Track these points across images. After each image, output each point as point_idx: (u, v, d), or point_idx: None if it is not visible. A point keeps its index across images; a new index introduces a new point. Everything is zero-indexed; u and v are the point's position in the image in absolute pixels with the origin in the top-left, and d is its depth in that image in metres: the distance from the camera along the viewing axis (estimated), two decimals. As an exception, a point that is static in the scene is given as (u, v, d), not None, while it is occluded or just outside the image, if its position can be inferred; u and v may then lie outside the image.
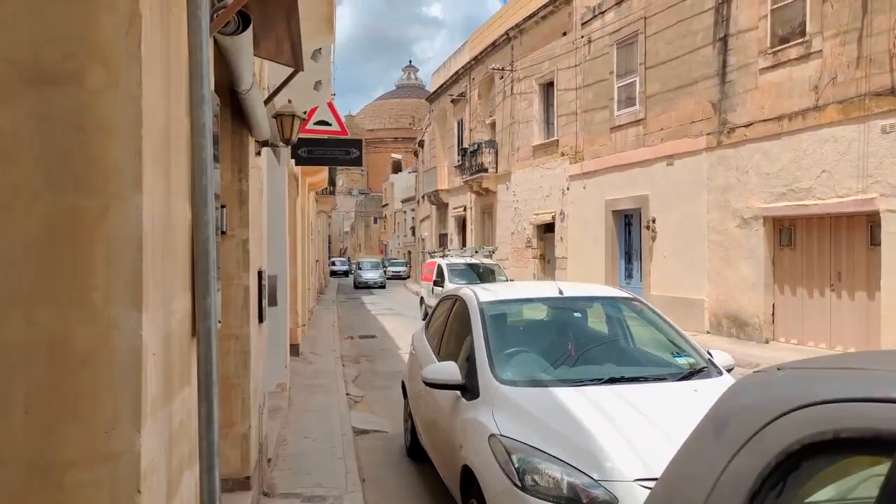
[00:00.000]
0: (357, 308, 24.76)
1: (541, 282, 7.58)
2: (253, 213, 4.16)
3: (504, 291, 4.98)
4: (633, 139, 16.10)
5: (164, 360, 1.83)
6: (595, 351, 4.43)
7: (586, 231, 18.03)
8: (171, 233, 1.92)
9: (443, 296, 6.02)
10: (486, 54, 24.46)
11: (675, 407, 3.53)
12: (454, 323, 5.13)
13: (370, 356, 12.50)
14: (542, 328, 4.59)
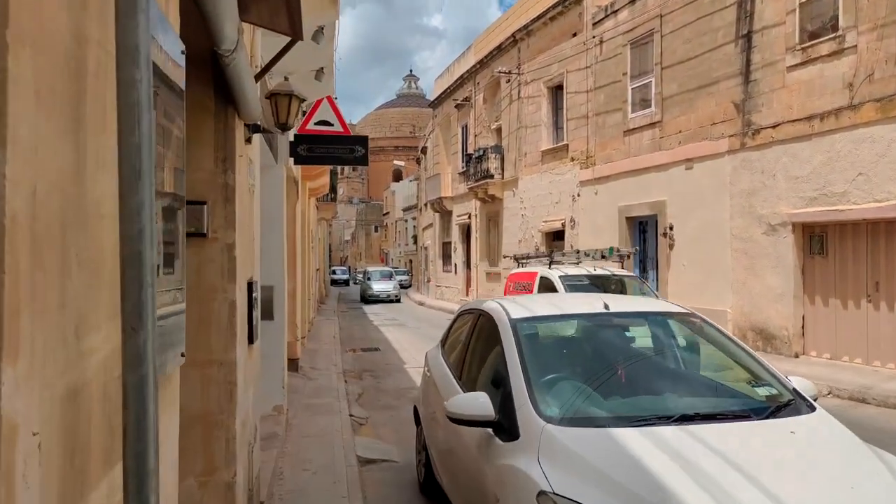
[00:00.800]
0: (359, 319, 24.01)
1: (579, 294, 6.74)
2: (241, 213, 3.43)
3: (538, 306, 4.24)
4: (648, 142, 15.39)
5: (61, 436, 1.10)
6: (654, 379, 3.68)
7: (598, 239, 17.28)
8: (83, 222, 1.20)
9: (461, 309, 5.27)
10: (492, 58, 23.81)
11: (773, 456, 2.79)
12: (478, 342, 4.39)
13: (374, 371, 11.74)
14: (587, 351, 3.84)
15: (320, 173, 13.35)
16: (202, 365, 3.16)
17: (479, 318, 4.47)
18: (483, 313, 4.39)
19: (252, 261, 3.83)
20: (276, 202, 6.93)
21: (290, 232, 10.65)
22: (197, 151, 3.19)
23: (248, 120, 3.42)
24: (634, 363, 3.77)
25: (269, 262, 6.86)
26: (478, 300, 5.20)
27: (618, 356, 3.80)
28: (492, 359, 4.05)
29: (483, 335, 4.35)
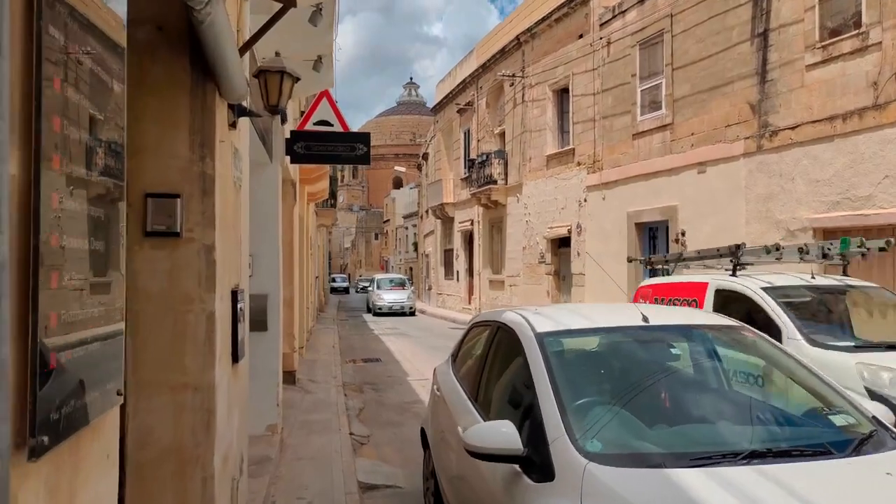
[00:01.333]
0: (359, 328, 23.45)
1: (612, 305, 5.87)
2: (223, 210, 2.92)
3: (566, 317, 3.70)
4: (658, 146, 14.89)
5: None
6: (705, 404, 3.15)
7: (606, 245, 16.77)
8: None
9: (475, 321, 4.74)
10: (495, 61, 23.36)
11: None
12: (497, 359, 3.87)
13: (375, 384, 11.19)
14: (625, 370, 3.30)
15: (319, 176, 12.84)
16: (174, 389, 2.64)
17: (497, 331, 3.94)
18: (502, 326, 3.86)
19: (238, 266, 3.30)
20: (271, 204, 6.41)
21: (286, 237, 10.13)
22: (168, 135, 2.68)
23: (232, 99, 2.90)
24: (682, 385, 3.24)
25: (262, 269, 6.35)
26: (494, 311, 4.66)
27: (662, 376, 3.26)
28: (514, 378, 3.53)
29: (503, 351, 3.82)
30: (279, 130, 6.43)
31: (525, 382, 3.25)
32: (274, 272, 6.39)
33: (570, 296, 18.69)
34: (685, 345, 3.43)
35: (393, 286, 29.75)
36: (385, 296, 28.49)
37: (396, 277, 31.82)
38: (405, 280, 31.85)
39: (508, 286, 22.50)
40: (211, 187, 2.70)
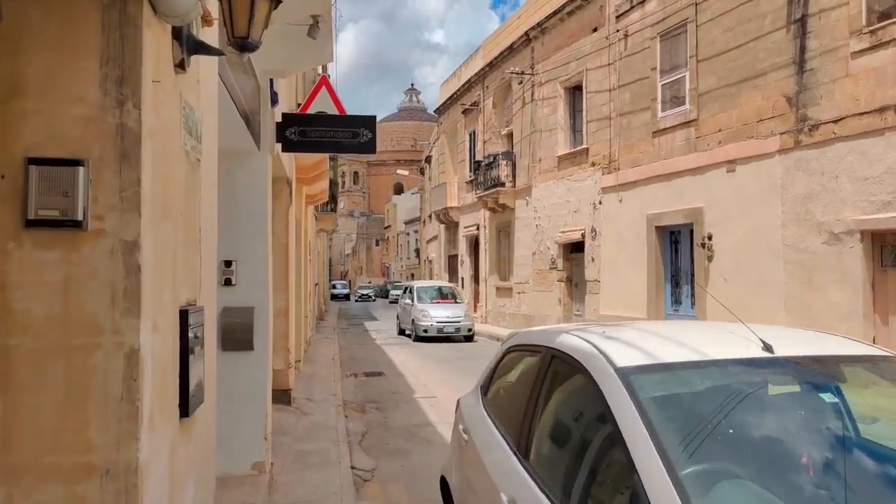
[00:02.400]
0: (360, 337, 22.41)
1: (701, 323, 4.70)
2: (161, 187, 1.91)
3: (653, 343, 2.67)
4: (681, 143, 13.89)
5: None
6: (883, 484, 2.12)
7: (623, 250, 15.77)
8: None
9: (512, 344, 3.70)
10: (503, 59, 22.41)
11: None
12: (552, 400, 2.86)
13: (379, 402, 10.16)
14: (760, 429, 2.27)
15: (318, 176, 11.84)
16: (71, 476, 1.64)
17: (550, 361, 2.92)
18: (559, 355, 2.84)
19: (193, 274, 2.28)
20: (258, 200, 5.41)
21: (280, 241, 9.14)
22: (66, 66, 1.68)
23: (174, 15, 1.88)
24: (842, 451, 2.21)
25: (248, 278, 5.34)
26: (539, 330, 3.61)
27: (810, 436, 2.24)
28: (585, 432, 2.52)
29: (563, 390, 2.81)
30: (269, 113, 5.44)
31: (606, 440, 2.24)
32: (262, 281, 5.38)
33: (583, 304, 17.67)
34: (834, 387, 2.40)
35: (439, 298, 20.91)
36: (433, 311, 19.57)
37: (444, 286, 22.21)
38: (452, 290, 22.06)
39: (517, 293, 21.47)
40: (135, 150, 1.70)
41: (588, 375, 2.49)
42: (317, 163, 10.73)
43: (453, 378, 12.55)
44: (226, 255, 5.30)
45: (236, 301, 5.29)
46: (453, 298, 21.30)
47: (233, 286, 5.29)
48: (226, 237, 5.27)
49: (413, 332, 20.19)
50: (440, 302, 20.72)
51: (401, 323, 22.61)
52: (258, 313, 5.34)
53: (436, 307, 20.15)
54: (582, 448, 2.44)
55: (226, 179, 5.34)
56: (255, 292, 5.36)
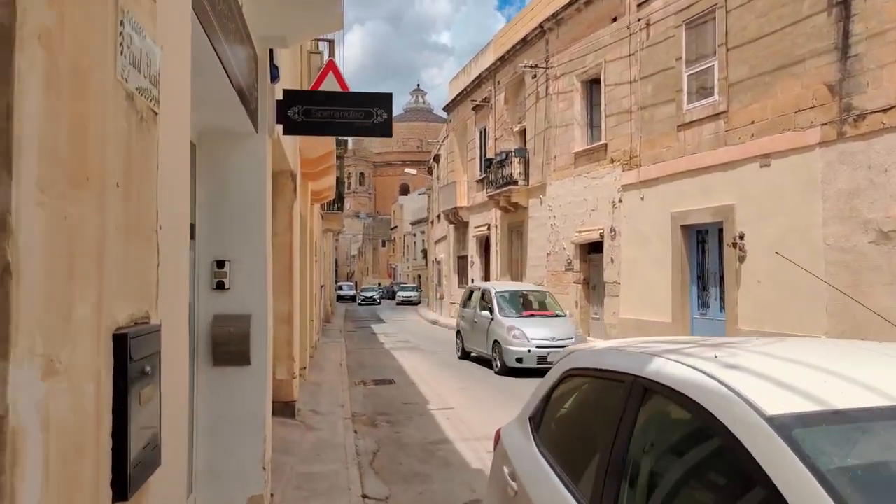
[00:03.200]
0: (367, 340, 21.67)
1: (849, 343, 3.75)
2: (68, 131, 1.14)
3: (798, 374, 1.88)
4: (710, 137, 13.09)
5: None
6: None
7: (645, 250, 14.96)
8: None
9: (576, 365, 2.90)
10: (515, 53, 21.64)
11: None
12: (646, 446, 2.08)
13: (391, 414, 9.39)
14: None
15: (325, 171, 11.09)
16: None
17: (643, 396, 2.14)
18: (659, 389, 2.06)
19: (139, 275, 1.51)
20: (256, 191, 4.64)
21: (283, 240, 8.40)
22: None
23: None
24: None
25: (243, 281, 4.58)
26: (615, 348, 2.78)
27: None
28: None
29: (668, 439, 2.04)
30: (268, 89, 4.68)
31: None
32: (260, 284, 4.62)
33: (601, 307, 16.87)
34: None
35: (532, 308, 14.84)
36: (530, 331, 13.30)
37: (533, 291, 15.78)
38: (546, 295, 15.59)
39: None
40: (2, 55, 0.95)
41: (719, 426, 1.72)
42: (323, 156, 9.98)
43: (469, 386, 11.78)
44: (217, 254, 4.55)
45: (230, 308, 4.54)
46: (551, 309, 14.89)
47: (226, 291, 4.54)
48: (217, 233, 4.52)
49: (497, 359, 13.49)
50: (533, 315, 14.34)
51: (465, 342, 15.70)
52: (256, 322, 4.58)
53: (531, 324, 13.64)
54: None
55: (217, 166, 4.60)
56: (252, 297, 4.60)
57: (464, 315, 16.18)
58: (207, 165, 4.54)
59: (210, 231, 4.54)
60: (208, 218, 4.54)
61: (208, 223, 4.54)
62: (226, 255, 4.56)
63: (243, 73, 4.20)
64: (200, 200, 4.53)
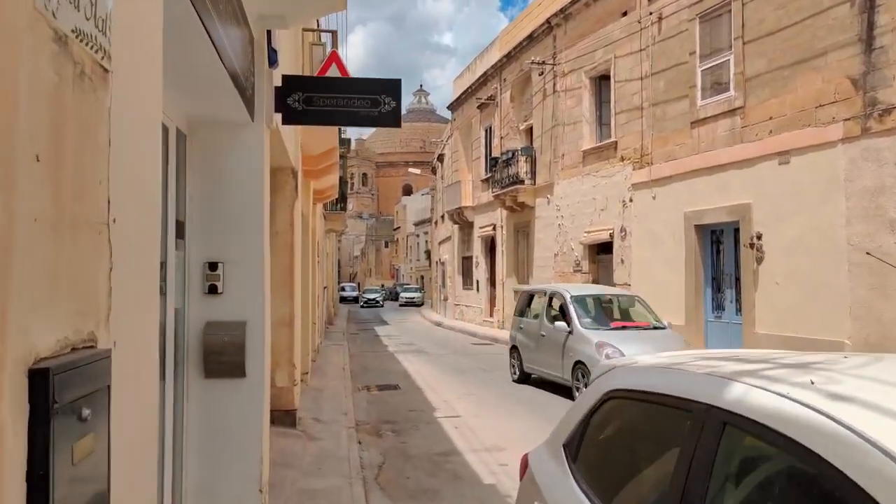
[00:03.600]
0: (371, 343, 21.27)
1: None
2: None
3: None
4: (725, 134, 12.66)
5: None
6: None
7: (657, 251, 14.53)
8: None
9: (622, 385, 2.48)
10: (522, 49, 21.22)
11: None
12: (734, 495, 1.67)
13: (396, 423, 8.98)
14: None
15: (327, 169, 10.69)
16: None
17: (722, 431, 1.73)
18: (747, 425, 1.65)
19: (76, 283, 1.11)
20: (253, 186, 4.24)
21: (284, 240, 8.01)
22: None
23: None
24: None
25: (238, 285, 4.18)
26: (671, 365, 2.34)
27: None
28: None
29: (767, 488, 1.63)
30: (265, 74, 4.28)
31: None
32: (257, 288, 4.22)
33: (611, 309, 16.40)
34: None
35: (620, 318, 12.11)
36: (627, 349, 9.59)
37: (620, 296, 12.90)
38: (637, 300, 12.45)
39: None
40: None
41: (836, 476, 1.31)
42: (326, 153, 9.59)
43: (476, 391, 11.36)
44: (210, 255, 4.15)
45: (224, 314, 4.14)
46: (643, 319, 11.78)
47: (219, 295, 4.14)
48: (210, 232, 4.12)
49: (583, 385, 9.99)
50: (625, 326, 11.34)
51: (524, 361, 12.59)
52: (252, 329, 4.18)
53: (626, 339, 10.35)
54: None
55: (210, 158, 4.20)
56: (248, 302, 4.20)
57: (522, 326, 13.04)
58: (199, 157, 4.14)
59: (202, 229, 4.14)
60: (200, 215, 4.14)
61: (200, 221, 4.14)
62: (219, 256, 4.16)
63: (238, 56, 3.80)
64: (192, 195, 4.13)
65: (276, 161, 7.67)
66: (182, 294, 4.03)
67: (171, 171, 3.72)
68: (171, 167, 3.70)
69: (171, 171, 3.72)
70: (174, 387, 3.95)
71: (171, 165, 3.70)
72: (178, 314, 3.99)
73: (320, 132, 8.45)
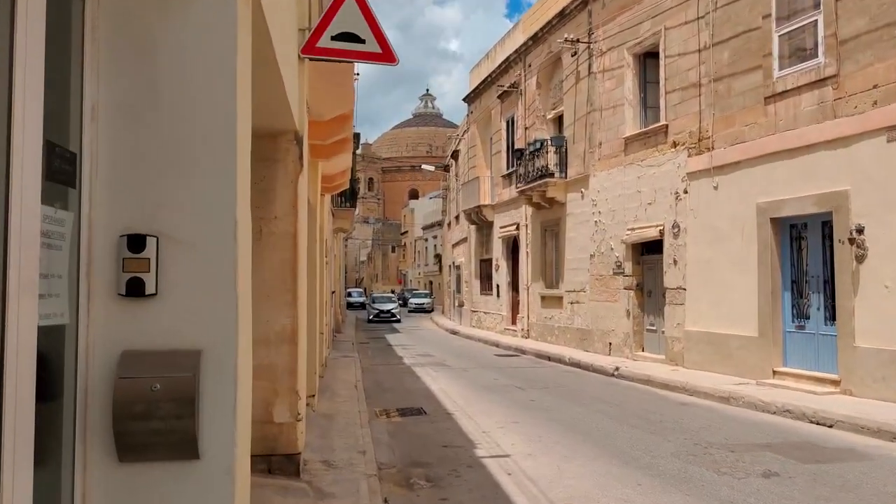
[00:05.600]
0: (384, 354, 19.25)
1: None
2: None
3: None
4: (811, 108, 10.63)
5: None
6: None
7: (720, 249, 12.49)
8: None
9: None
10: (550, 29, 19.25)
11: None
12: None
13: (429, 465, 6.93)
14: None
15: (339, 145, 8.65)
16: None
17: None
18: None
19: None
20: (219, 98, 2.22)
21: (284, 227, 6.02)
22: None
23: None
24: None
25: (188, 277, 2.17)
26: None
27: None
28: None
29: None
30: None
31: None
32: (223, 285, 2.21)
33: (660, 317, 14.38)
34: None
35: None
36: None
37: None
38: None
39: (569, 303, 18.20)
40: None
41: None
42: (338, 121, 7.59)
43: (519, 417, 9.32)
44: (131, 222, 2.15)
45: (158, 336, 2.14)
46: None
47: (149, 298, 2.13)
48: (134, 180, 2.10)
49: None
50: None
51: None
52: (212, 364, 2.17)
53: None
54: None
55: (136, 43, 2.20)
56: (205, 314, 2.20)
57: None
58: (112, 27, 2.15)
59: (116, 174, 2.14)
60: (112, 144, 2.15)
61: (111, 156, 2.14)
62: (150, 226, 2.16)
63: None
64: (96, 105, 2.14)
65: (274, 119, 5.68)
66: (68, 297, 2.02)
67: (34, 50, 1.72)
68: (30, 42, 1.70)
69: (35, 51, 1.72)
70: (59, 481, 1.97)
71: (31, 38, 1.71)
72: (59, 336, 1.99)
73: (333, 87, 6.47)
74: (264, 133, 5.99)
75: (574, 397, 11.07)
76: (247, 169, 2.58)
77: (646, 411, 9.69)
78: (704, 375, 11.96)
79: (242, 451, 2.36)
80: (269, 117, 5.67)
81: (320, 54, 5.97)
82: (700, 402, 10.43)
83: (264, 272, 5.93)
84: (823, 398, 9.51)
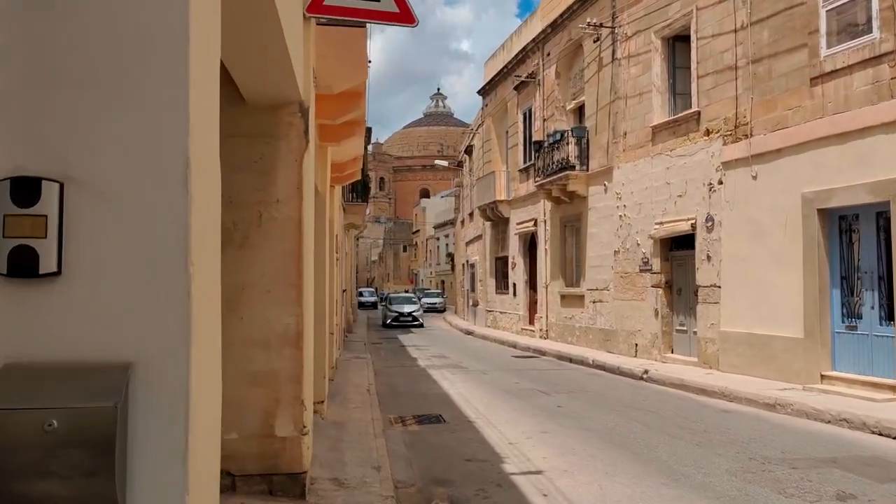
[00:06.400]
0: (397, 355, 18.46)
1: None
2: None
3: None
4: (864, 89, 9.72)
5: None
6: None
7: (759, 244, 11.59)
8: None
9: None
10: (571, 15, 18.39)
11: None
12: None
13: (452, 484, 6.12)
14: None
15: (349, 126, 7.84)
16: None
17: None
18: None
19: None
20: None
21: (287, 211, 5.24)
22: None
23: None
24: None
25: (109, 249, 1.32)
26: None
27: None
28: None
29: None
30: None
31: None
32: (171, 266, 1.38)
33: (692, 317, 13.50)
34: None
35: None
36: None
37: None
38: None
39: (591, 302, 17.33)
40: None
41: None
42: (349, 96, 6.78)
43: (548, 427, 8.49)
44: (16, 158, 1.31)
45: (60, 341, 1.30)
46: None
47: (48, 281, 1.30)
48: (28, 92, 1.25)
49: None
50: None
51: None
52: (146, 386, 1.34)
53: None
54: None
55: None
56: (139, 307, 1.35)
57: None
58: None
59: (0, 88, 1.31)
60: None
61: None
62: (50, 166, 1.34)
63: None
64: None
65: (273, 88, 4.89)
66: None
67: None
68: None
69: None
70: None
71: None
72: None
73: (344, 53, 5.67)
74: (264, 105, 5.20)
75: (604, 403, 10.23)
76: (211, 104, 1.77)
77: (685, 419, 8.84)
78: (743, 379, 11.08)
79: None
80: (269, 85, 4.88)
81: (329, 13, 5.18)
82: (743, 409, 9.56)
83: (264, 264, 5.14)
84: (884, 406, 8.61)
